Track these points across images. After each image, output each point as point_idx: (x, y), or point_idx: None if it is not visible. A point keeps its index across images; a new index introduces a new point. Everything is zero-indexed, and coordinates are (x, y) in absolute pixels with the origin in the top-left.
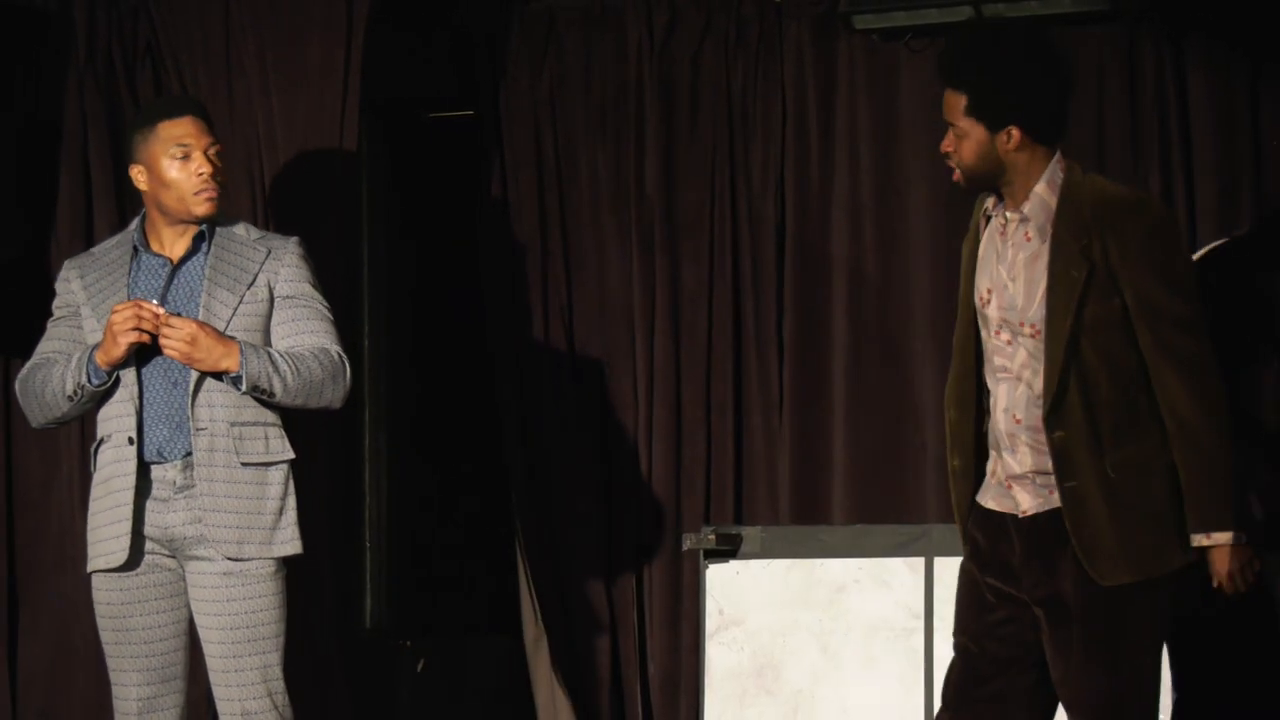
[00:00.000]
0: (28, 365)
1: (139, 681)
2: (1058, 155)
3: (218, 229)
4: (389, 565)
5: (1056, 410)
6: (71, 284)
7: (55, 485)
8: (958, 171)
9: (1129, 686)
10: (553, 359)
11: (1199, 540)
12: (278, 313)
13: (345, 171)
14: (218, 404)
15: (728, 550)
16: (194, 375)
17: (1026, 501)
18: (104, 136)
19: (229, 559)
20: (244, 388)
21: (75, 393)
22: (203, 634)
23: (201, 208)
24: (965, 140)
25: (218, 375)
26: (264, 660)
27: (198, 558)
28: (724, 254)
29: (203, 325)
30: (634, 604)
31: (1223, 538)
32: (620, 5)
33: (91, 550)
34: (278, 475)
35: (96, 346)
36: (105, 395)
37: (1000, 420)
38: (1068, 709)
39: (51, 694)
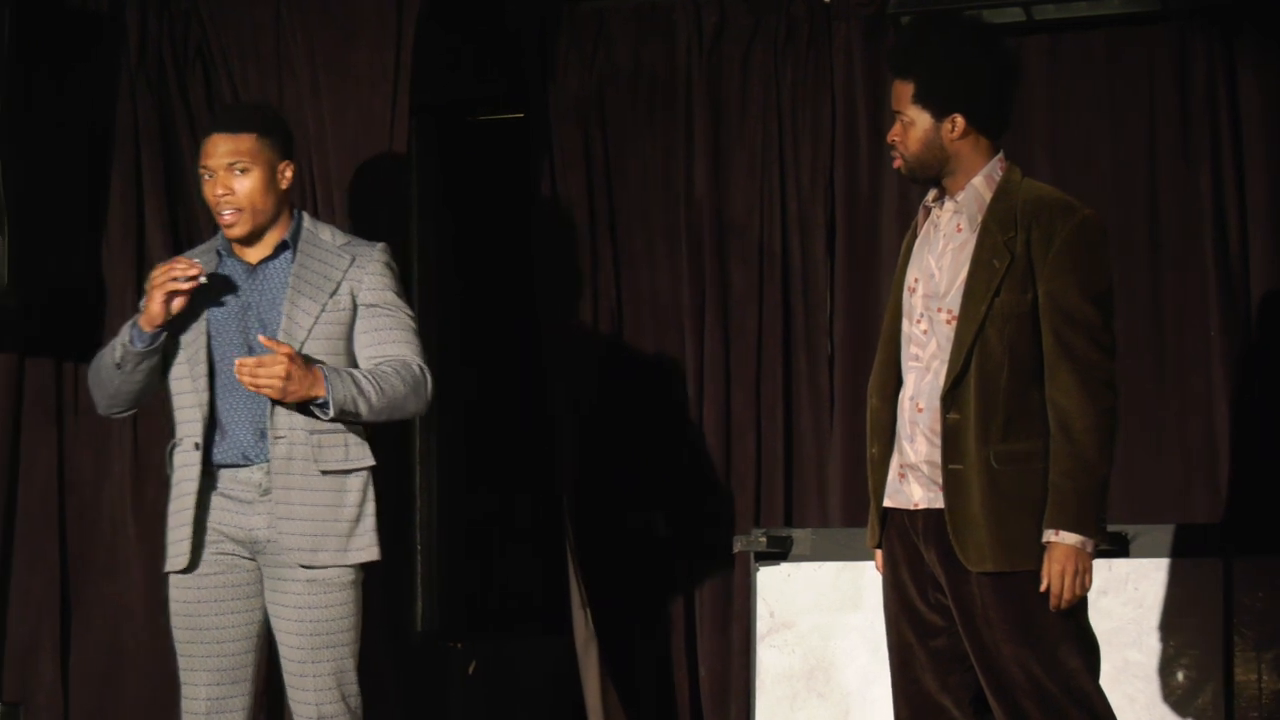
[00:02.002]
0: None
1: (209, 681)
2: (1000, 155)
3: (303, 233)
4: (440, 567)
5: (954, 391)
6: None
7: (107, 488)
8: (899, 160)
9: (1051, 672)
10: (603, 360)
11: (1048, 536)
12: (361, 321)
13: (395, 173)
14: (297, 411)
15: (778, 553)
16: None
17: (918, 494)
18: (156, 139)
19: (303, 566)
20: (331, 414)
21: (121, 360)
22: (279, 638)
23: (225, 230)
24: (911, 128)
25: (305, 404)
26: (338, 665)
27: (280, 563)
28: (774, 255)
29: (292, 357)
30: (684, 606)
31: (1070, 538)
32: (669, 6)
33: (167, 550)
34: (356, 482)
35: (140, 314)
36: (177, 394)
37: (905, 408)
38: (992, 696)
39: (103, 696)
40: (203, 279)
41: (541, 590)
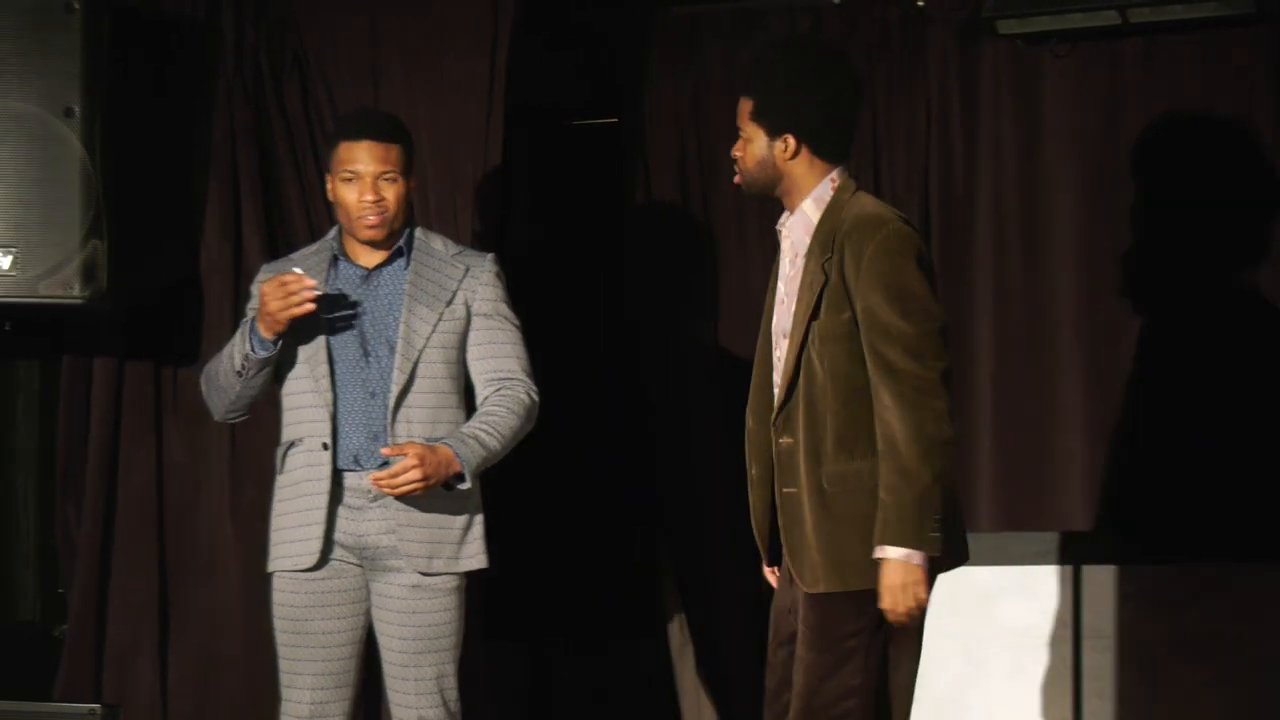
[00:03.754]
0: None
1: (312, 685)
2: (833, 174)
3: (416, 242)
4: (535, 571)
5: (783, 415)
6: None
7: (205, 490)
8: (739, 176)
9: (838, 696)
10: (699, 365)
11: (877, 553)
12: (474, 332)
13: (489, 180)
14: (415, 420)
15: None
16: (395, 389)
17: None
18: (252, 145)
19: (419, 573)
20: (468, 484)
21: (243, 366)
22: (383, 641)
23: (362, 234)
24: (749, 145)
25: (447, 483)
26: (440, 670)
27: (388, 568)
28: None
29: (421, 455)
30: None
31: (895, 553)
32: (763, 10)
33: (275, 551)
34: (472, 485)
35: (256, 318)
36: (291, 395)
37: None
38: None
39: (201, 698)
40: (317, 289)
41: (637, 594)
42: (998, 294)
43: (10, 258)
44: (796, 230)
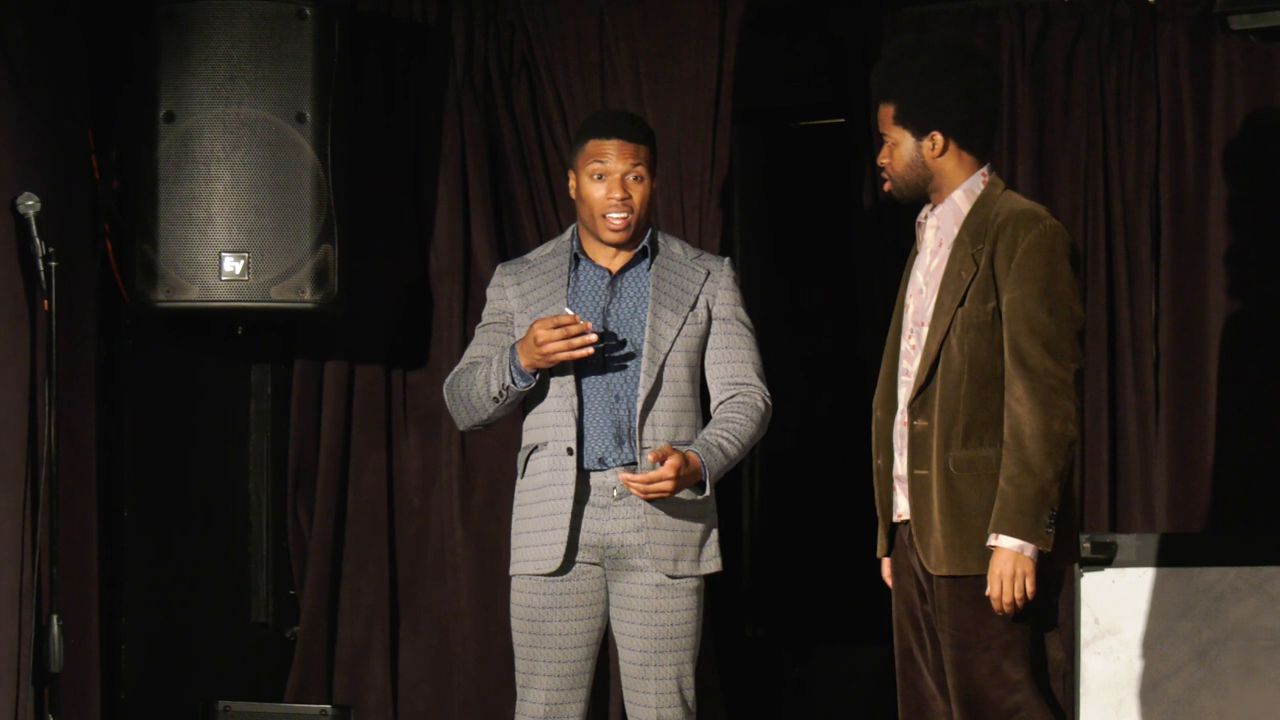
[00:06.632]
0: (455, 370)
1: (548, 687)
2: (984, 169)
3: (658, 245)
4: (765, 575)
5: (919, 399)
6: (506, 290)
7: (435, 493)
8: (889, 183)
9: (992, 682)
10: None
11: (990, 540)
12: (713, 336)
13: (716, 181)
14: (660, 423)
15: (1103, 559)
16: (642, 392)
17: (902, 505)
18: (481, 149)
19: (665, 575)
20: (708, 492)
21: (500, 394)
22: (623, 641)
23: (605, 236)
24: (896, 149)
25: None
26: (680, 670)
27: (632, 568)
28: (1097, 257)
29: (678, 461)
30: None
31: (1009, 543)
32: (992, 9)
33: (518, 554)
34: (711, 493)
35: (517, 347)
36: (533, 400)
37: (898, 421)
38: (949, 698)
39: (431, 699)
40: (594, 332)
41: (871, 596)
42: (1230, 293)
43: (242, 262)
44: (945, 219)
